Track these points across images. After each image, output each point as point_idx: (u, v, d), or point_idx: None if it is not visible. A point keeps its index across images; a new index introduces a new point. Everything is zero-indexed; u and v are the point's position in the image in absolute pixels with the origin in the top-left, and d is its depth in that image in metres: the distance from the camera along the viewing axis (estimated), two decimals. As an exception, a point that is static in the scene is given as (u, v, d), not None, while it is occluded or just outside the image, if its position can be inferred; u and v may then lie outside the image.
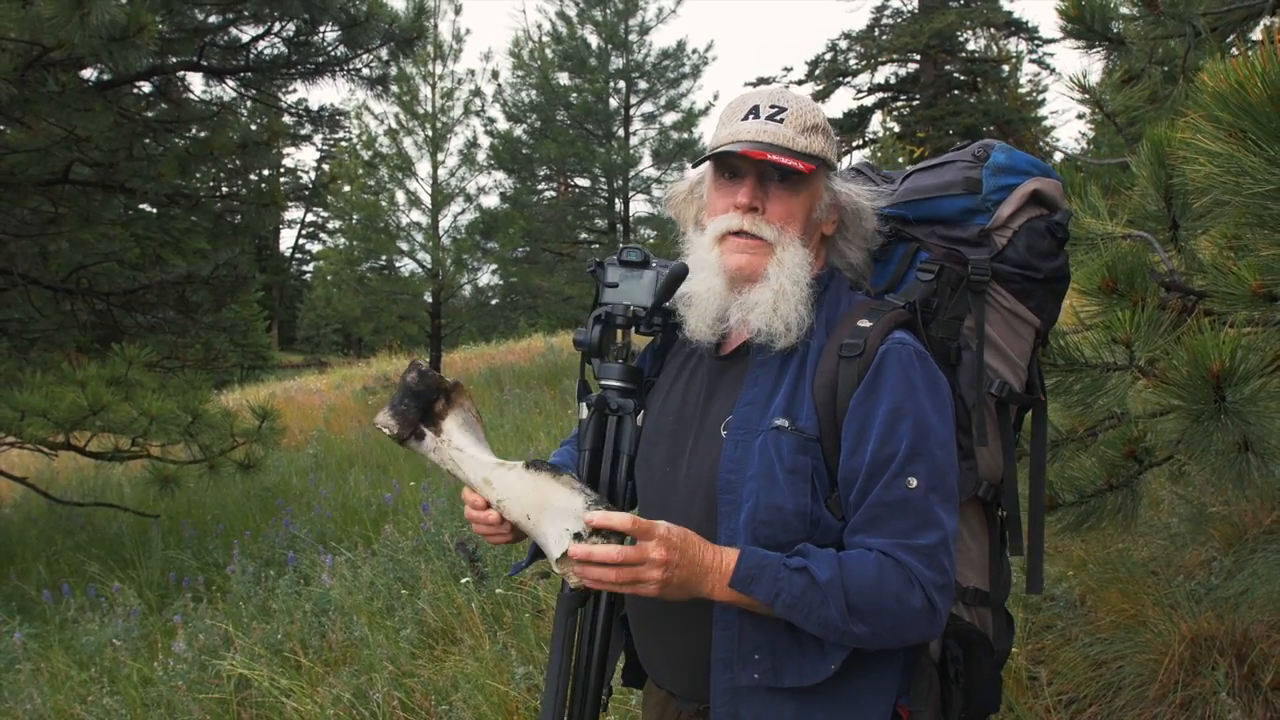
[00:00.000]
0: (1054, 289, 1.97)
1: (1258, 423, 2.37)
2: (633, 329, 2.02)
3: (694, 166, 1.94)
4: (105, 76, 8.62)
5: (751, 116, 1.84)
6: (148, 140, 9.14)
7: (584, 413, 1.98)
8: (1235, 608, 3.80)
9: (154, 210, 10.04)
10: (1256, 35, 4.27)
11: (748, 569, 1.68)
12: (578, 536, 1.68)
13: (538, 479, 1.75)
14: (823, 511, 1.76)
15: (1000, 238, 1.94)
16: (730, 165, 1.87)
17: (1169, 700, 3.52)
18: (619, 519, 1.65)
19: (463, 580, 5.55)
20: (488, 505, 1.84)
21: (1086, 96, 3.88)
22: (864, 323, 1.79)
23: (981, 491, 1.90)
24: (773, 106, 1.84)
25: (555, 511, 1.72)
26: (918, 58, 35.08)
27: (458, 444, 1.86)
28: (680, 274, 1.87)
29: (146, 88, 9.49)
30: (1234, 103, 1.47)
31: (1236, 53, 3.96)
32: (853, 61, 35.71)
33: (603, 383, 2.00)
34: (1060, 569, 4.57)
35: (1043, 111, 35.68)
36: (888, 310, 1.82)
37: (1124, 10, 4.00)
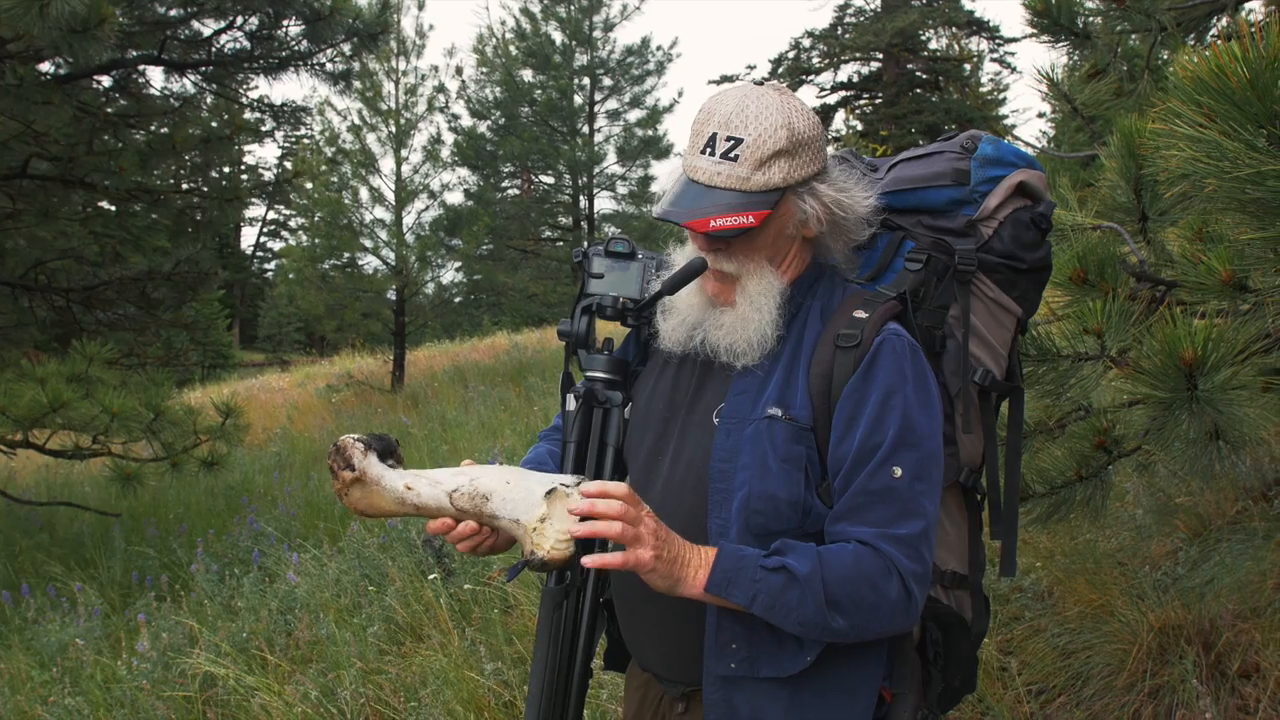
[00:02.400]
0: (1037, 279, 2.01)
1: (1228, 411, 2.40)
2: (618, 321, 2.00)
3: (656, 216, 1.88)
4: (64, 70, 8.50)
5: (708, 150, 1.76)
6: (107, 135, 9.01)
7: (570, 404, 1.95)
8: (1201, 597, 3.84)
9: (113, 208, 9.90)
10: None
11: (724, 572, 1.68)
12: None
13: (514, 469, 1.74)
14: (814, 500, 1.77)
15: (986, 228, 1.97)
16: None
17: (1137, 689, 3.55)
18: (615, 485, 1.63)
19: (430, 577, 5.52)
20: (453, 526, 1.78)
21: (1053, 90, 3.91)
22: (860, 313, 1.79)
23: (963, 477, 1.93)
24: (729, 139, 1.74)
25: (537, 479, 1.70)
26: (880, 56, 35.26)
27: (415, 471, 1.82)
28: (699, 267, 1.82)
29: (106, 82, 9.37)
30: (1214, 88, 1.49)
31: (1199, 47, 4.00)
32: (816, 60, 35.86)
33: (588, 374, 1.97)
34: (1028, 560, 4.61)
35: (1004, 110, 36.07)
36: (882, 301, 1.82)
37: (1089, 4, 4.04)
